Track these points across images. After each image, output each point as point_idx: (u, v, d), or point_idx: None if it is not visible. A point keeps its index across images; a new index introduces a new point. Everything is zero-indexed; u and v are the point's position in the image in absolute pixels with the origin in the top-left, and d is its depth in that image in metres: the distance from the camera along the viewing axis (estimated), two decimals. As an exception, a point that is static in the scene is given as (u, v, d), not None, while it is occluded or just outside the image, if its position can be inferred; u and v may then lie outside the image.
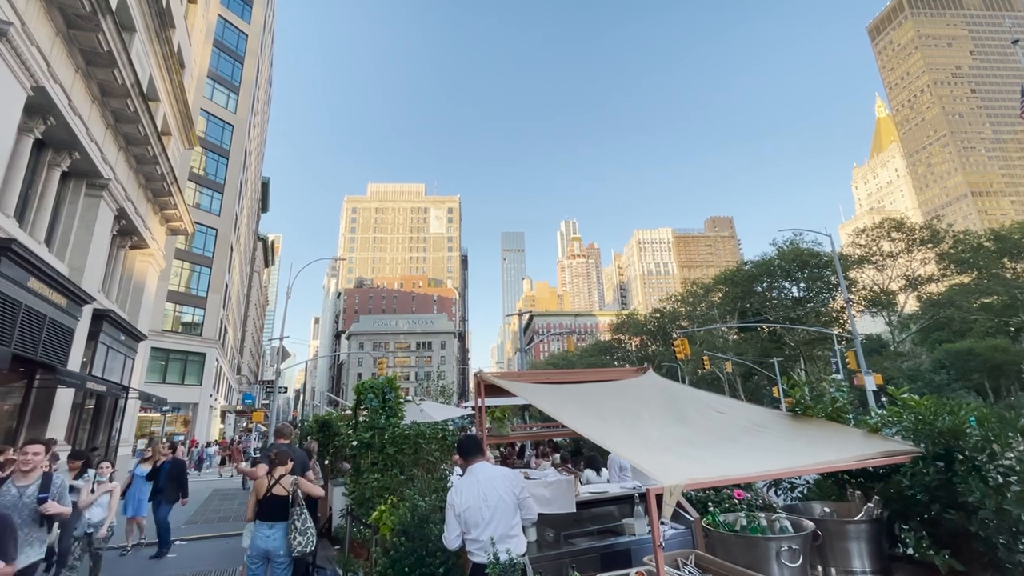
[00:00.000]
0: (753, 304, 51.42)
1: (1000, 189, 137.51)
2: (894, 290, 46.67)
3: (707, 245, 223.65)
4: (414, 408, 9.10)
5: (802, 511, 3.40)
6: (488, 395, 5.42)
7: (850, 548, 3.02)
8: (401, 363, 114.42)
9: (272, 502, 5.02)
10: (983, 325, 42.37)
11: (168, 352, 36.69)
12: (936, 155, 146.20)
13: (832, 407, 3.75)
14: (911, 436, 3.25)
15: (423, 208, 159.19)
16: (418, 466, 5.14)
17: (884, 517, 3.13)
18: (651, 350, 66.44)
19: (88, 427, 16.51)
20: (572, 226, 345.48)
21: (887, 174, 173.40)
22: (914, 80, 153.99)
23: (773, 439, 3.24)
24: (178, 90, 18.94)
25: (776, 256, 48.22)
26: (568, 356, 74.95)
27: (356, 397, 6.86)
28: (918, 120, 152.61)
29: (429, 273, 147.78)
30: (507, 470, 3.72)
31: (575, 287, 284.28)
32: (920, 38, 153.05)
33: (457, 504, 3.45)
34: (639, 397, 3.83)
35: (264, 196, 74.96)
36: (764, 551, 2.73)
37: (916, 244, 45.27)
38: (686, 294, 64.76)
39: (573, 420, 3.20)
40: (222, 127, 43.26)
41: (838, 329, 41.58)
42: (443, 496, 4.11)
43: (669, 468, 2.35)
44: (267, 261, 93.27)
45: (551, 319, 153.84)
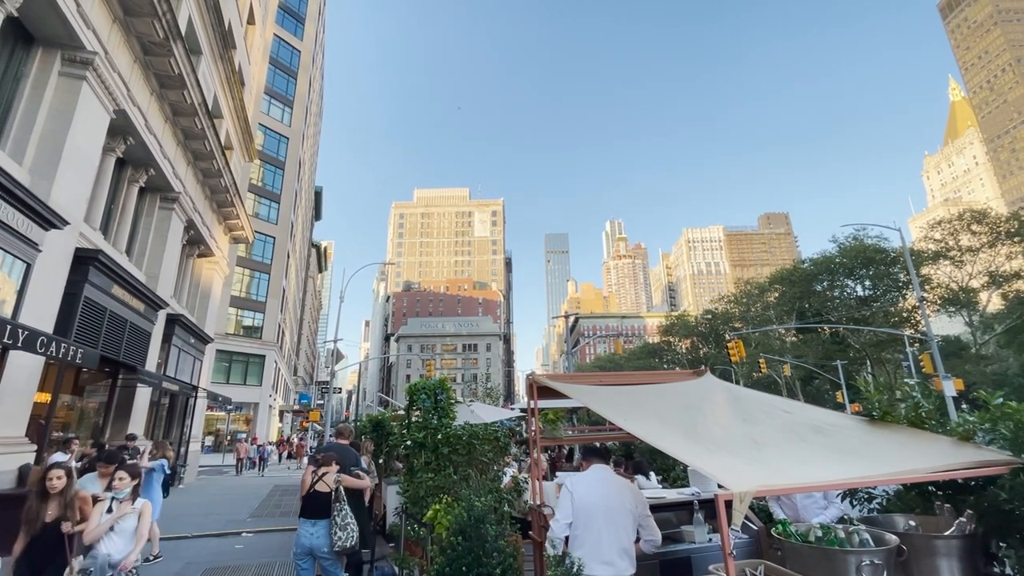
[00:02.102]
0: (812, 304, 48.68)
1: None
2: (975, 287, 42.84)
3: (761, 243, 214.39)
4: (464, 409, 9.20)
5: (882, 524, 3.16)
6: (539, 397, 5.39)
7: (940, 565, 2.78)
8: (448, 365, 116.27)
9: (315, 499, 5.16)
10: (1081, 325, 38.24)
11: (231, 354, 38.92)
12: (1021, 139, 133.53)
13: (915, 412, 3.47)
14: (1008, 445, 2.96)
15: (467, 212, 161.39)
16: (472, 466, 5.18)
17: (979, 533, 2.85)
18: (702, 353, 64.29)
19: (163, 423, 17.76)
20: (618, 226, 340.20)
21: (964, 162, 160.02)
22: (994, 59, 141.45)
23: (848, 442, 3.03)
24: (239, 107, 20.10)
25: (837, 253, 45.41)
26: (615, 359, 73.70)
27: (409, 398, 7.00)
28: (1000, 102, 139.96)
29: (474, 276, 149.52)
30: (632, 484, 3.58)
31: (621, 288, 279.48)
32: (999, 12, 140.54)
33: (576, 493, 3.29)
34: (698, 398, 3.69)
35: (317, 204, 78.32)
36: (843, 565, 2.55)
37: (1001, 237, 41.37)
38: (739, 294, 62.19)
39: (628, 422, 3.12)
40: (278, 140, 45.58)
41: (910, 330, 38.71)
42: (497, 496, 4.12)
43: (737, 473, 2.24)
44: (320, 267, 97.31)
45: (597, 321, 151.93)
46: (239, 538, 10.09)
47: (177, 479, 17.96)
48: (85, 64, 9.51)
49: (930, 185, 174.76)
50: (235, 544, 9.56)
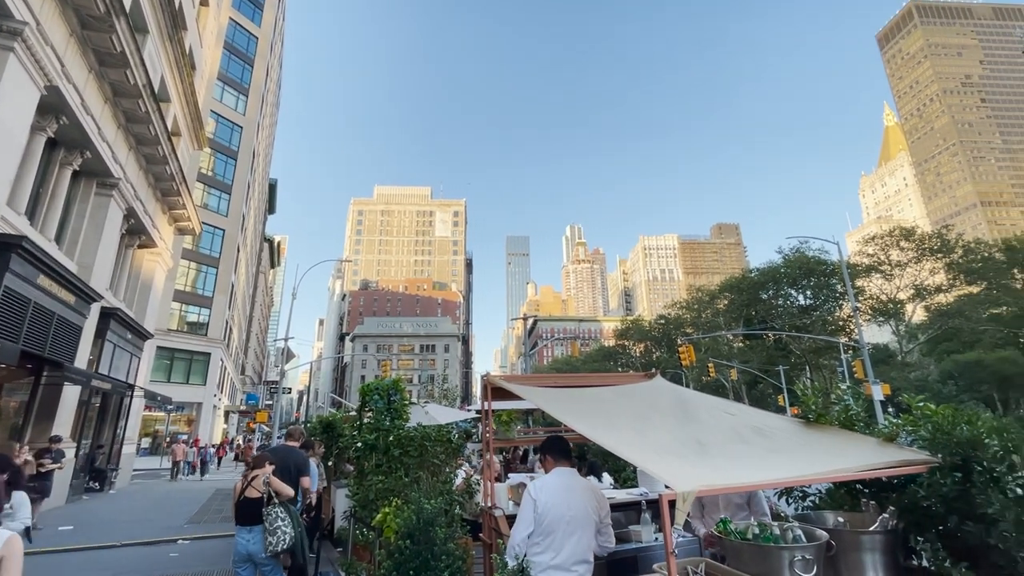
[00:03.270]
0: (759, 312, 51.13)
1: (1010, 199, 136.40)
2: (902, 299, 46.27)
3: (713, 252, 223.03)
4: (419, 410, 9.07)
5: (815, 520, 3.33)
6: (494, 398, 5.38)
7: (864, 559, 2.95)
8: (404, 366, 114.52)
9: (247, 505, 4.94)
10: (992, 336, 41.94)
11: (173, 351, 36.87)
12: (945, 164, 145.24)
13: (845, 415, 3.69)
14: (928, 446, 3.18)
15: (429, 211, 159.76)
16: (423, 469, 5.11)
17: (899, 528, 3.05)
18: (656, 356, 66.17)
19: (94, 424, 16.59)
20: (578, 231, 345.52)
21: (895, 183, 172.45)
22: (923, 89, 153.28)
23: (786, 444, 3.18)
24: (189, 91, 19.13)
25: (782, 264, 47.95)
26: (572, 361, 74.74)
27: (361, 398, 6.84)
28: (927, 129, 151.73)
29: (434, 276, 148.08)
30: (596, 487, 3.43)
31: (580, 292, 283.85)
32: (929, 47, 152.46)
33: (540, 501, 3.05)
34: (648, 400, 3.78)
35: (271, 197, 75.49)
36: (777, 561, 2.66)
37: (926, 254, 44.90)
38: (691, 301, 64.55)
39: (581, 424, 3.15)
40: (231, 128, 43.63)
41: (845, 338, 41.26)
42: (448, 499, 4.07)
43: (682, 474, 2.31)
44: (273, 262, 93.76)
45: (555, 324, 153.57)
46: (174, 546, 9.54)
47: (107, 484, 16.81)
48: (13, 34, 8.78)
49: (866, 203, 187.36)
50: (169, 552, 9.04)
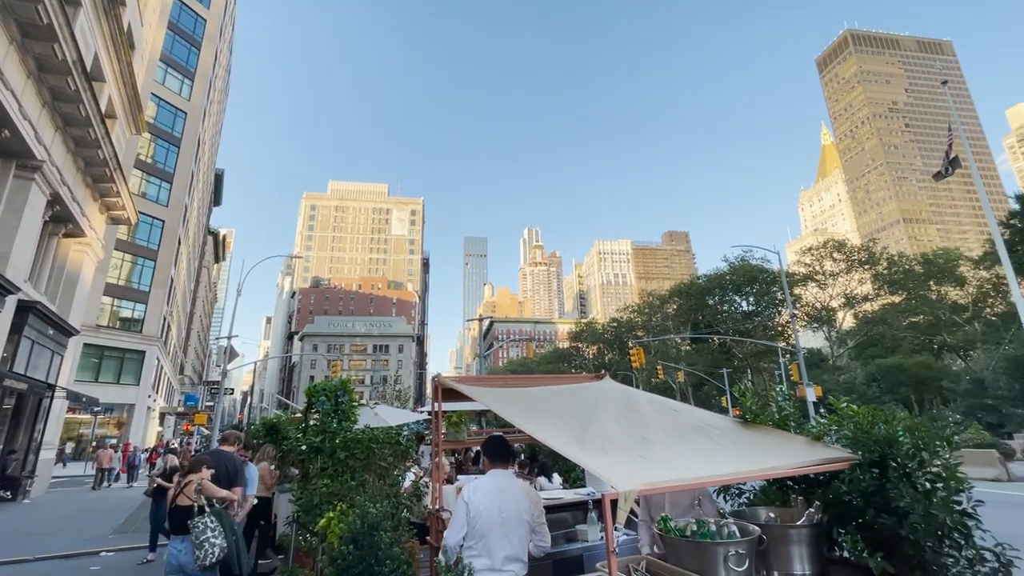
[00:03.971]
0: (705, 316, 53.34)
1: (928, 217, 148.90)
2: (834, 307, 49.56)
3: (664, 258, 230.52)
4: (368, 412, 8.85)
5: (749, 516, 3.49)
6: (445, 400, 5.33)
7: (792, 552, 3.12)
8: (356, 366, 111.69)
9: (179, 514, 4.65)
10: (910, 342, 45.58)
11: (103, 349, 34.36)
12: (873, 183, 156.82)
13: (779, 415, 3.90)
14: (850, 444, 3.40)
15: (385, 209, 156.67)
16: (370, 471, 4.98)
17: (824, 522, 3.25)
18: (608, 358, 67.65)
19: (6, 428, 15.23)
20: (535, 234, 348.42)
21: (830, 198, 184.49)
22: (856, 112, 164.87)
23: (725, 442, 3.32)
24: (127, 71, 17.93)
25: (728, 271, 50.28)
26: (527, 363, 75.28)
27: (307, 400, 6.61)
28: (859, 149, 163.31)
29: (389, 275, 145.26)
30: (531, 488, 3.42)
31: (536, 294, 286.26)
32: (862, 73, 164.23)
33: (472, 504, 3.15)
34: (596, 401, 3.85)
35: (217, 189, 71.79)
36: (713, 556, 2.78)
37: (855, 265, 48.32)
38: (643, 305, 66.51)
39: (529, 424, 3.17)
40: (174, 114, 41.18)
41: (783, 343, 43.66)
42: (395, 502, 4.00)
43: (625, 473, 2.36)
44: (218, 256, 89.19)
45: (511, 325, 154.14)
46: (96, 559, 8.88)
47: (21, 492, 15.44)
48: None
49: (804, 216, 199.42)
50: (91, 566, 8.39)
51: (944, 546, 2.97)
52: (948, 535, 2.96)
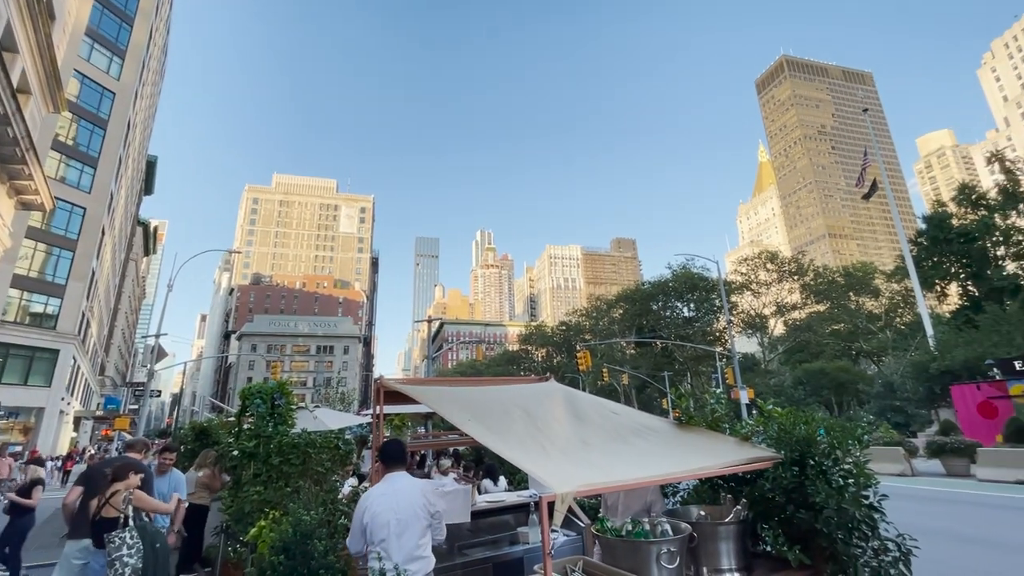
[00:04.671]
0: (649, 321, 55.26)
1: (849, 233, 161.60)
2: (766, 315, 52.74)
3: (612, 264, 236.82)
4: (307, 415, 8.51)
5: (682, 515, 3.63)
6: (389, 402, 5.21)
7: (720, 548, 3.27)
8: (299, 367, 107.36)
9: (103, 527, 4.24)
10: (832, 348, 49.12)
11: (8, 347, 31.16)
12: (803, 200, 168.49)
13: (712, 417, 4.09)
14: (774, 444, 3.61)
15: (333, 205, 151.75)
16: (306, 477, 4.77)
17: (749, 518, 3.43)
18: (556, 361, 68.64)
19: None
20: (488, 236, 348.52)
21: (766, 212, 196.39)
22: (789, 132, 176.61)
23: (660, 444, 3.45)
24: (44, 44, 16.41)
25: (671, 278, 52.40)
26: (476, 365, 75.11)
27: (241, 403, 6.27)
28: (791, 168, 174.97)
29: (336, 274, 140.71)
30: (425, 483, 3.54)
31: (487, 297, 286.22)
32: (795, 96, 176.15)
33: (368, 511, 3.21)
34: (539, 403, 3.89)
35: (149, 176, 66.99)
36: (646, 554, 2.87)
37: (786, 276, 51.67)
38: (591, 309, 68.02)
39: (472, 425, 3.17)
40: (101, 93, 38.08)
41: (720, 348, 45.91)
42: (331, 509, 3.87)
43: (563, 475, 2.40)
44: (148, 249, 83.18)
45: (461, 327, 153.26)
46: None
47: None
48: None
49: (742, 228, 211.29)
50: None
51: (853, 537, 3.21)
52: (857, 527, 3.21)
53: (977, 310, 31.72)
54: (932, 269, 36.02)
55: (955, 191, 37.87)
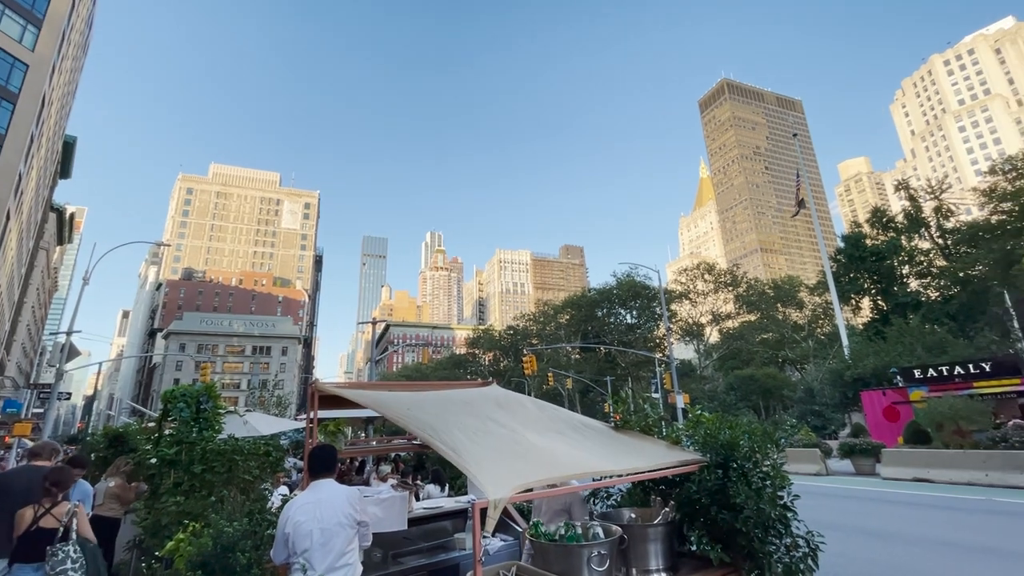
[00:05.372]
0: (594, 327, 56.69)
1: (779, 248, 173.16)
2: (703, 323, 55.45)
3: (560, 270, 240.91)
4: (237, 420, 8.07)
5: (614, 518, 3.75)
6: (326, 407, 5.03)
7: (648, 549, 3.40)
8: (232, 369, 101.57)
9: (39, 537, 3.83)
10: (761, 356, 52.34)
11: None
12: (739, 215, 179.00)
13: (645, 421, 4.25)
14: (701, 448, 3.80)
15: (275, 200, 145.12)
16: (231, 486, 4.51)
17: (676, 520, 3.59)
18: (503, 365, 68.82)
19: None
20: (438, 238, 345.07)
21: (705, 225, 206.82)
22: (728, 152, 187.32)
23: (597, 444, 3.54)
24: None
25: (615, 286, 54.07)
26: (422, 368, 73.90)
27: (163, 406, 5.86)
28: (728, 185, 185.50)
29: (276, 271, 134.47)
30: (352, 491, 3.44)
31: (436, 299, 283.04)
32: (734, 118, 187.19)
33: (290, 521, 3.12)
34: (481, 404, 3.89)
35: (66, 159, 61.32)
36: (577, 558, 2.93)
37: (721, 286, 54.60)
38: (538, 314, 68.82)
39: (412, 422, 3.14)
40: (11, 64, 34.54)
41: (660, 354, 47.76)
42: (258, 519, 3.68)
43: (498, 480, 2.41)
44: (62, 238, 75.98)
45: (408, 330, 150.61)
46: None
47: None
48: None
49: (683, 239, 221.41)
50: None
51: (769, 536, 3.43)
52: (772, 526, 3.44)
53: (885, 323, 34.82)
54: (849, 284, 39.22)
55: (869, 214, 41.55)
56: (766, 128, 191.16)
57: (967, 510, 10.42)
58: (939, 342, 28.06)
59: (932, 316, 33.47)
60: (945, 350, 27.04)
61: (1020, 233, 31.29)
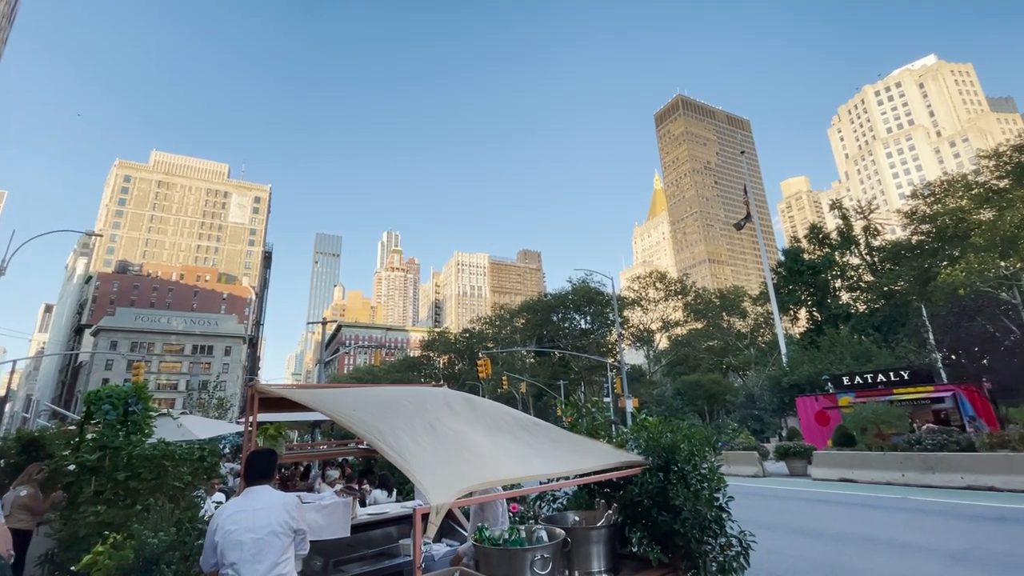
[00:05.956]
0: (549, 332, 57.35)
1: (726, 260, 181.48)
2: (653, 329, 57.21)
3: (518, 275, 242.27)
4: (170, 423, 7.62)
5: (559, 521, 3.79)
6: (269, 409, 4.83)
7: (591, 551, 3.46)
8: (169, 369, 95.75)
9: None
10: (707, 362, 54.55)
11: None
12: (689, 227, 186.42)
13: (591, 425, 4.33)
14: (645, 451, 3.92)
15: (223, 192, 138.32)
16: (159, 494, 4.22)
17: (619, 522, 3.68)
18: (458, 368, 68.36)
19: None
20: (395, 238, 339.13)
21: (657, 235, 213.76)
22: (681, 165, 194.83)
23: (542, 447, 3.58)
24: None
25: (571, 292, 54.97)
26: (374, 370, 72.25)
27: (86, 408, 5.45)
28: (680, 197, 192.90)
29: (222, 267, 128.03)
30: (289, 498, 3.29)
31: (391, 300, 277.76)
32: (687, 133, 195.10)
33: (219, 528, 2.95)
34: (432, 406, 3.83)
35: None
36: (521, 561, 2.95)
37: (671, 295, 56.56)
38: (494, 317, 68.89)
39: (357, 421, 3.06)
40: (-82, 29, 31.30)
41: (612, 359, 48.86)
42: (187, 528, 3.49)
43: (442, 485, 2.39)
44: (-28, 222, 69.35)
45: (361, 331, 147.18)
46: None
47: None
48: None
49: (636, 248, 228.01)
50: None
51: (705, 536, 3.57)
52: (709, 527, 3.58)
53: (819, 333, 37.13)
54: (788, 296, 41.59)
55: (807, 230, 44.25)
56: (716, 144, 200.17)
57: (885, 508, 11.24)
58: (865, 352, 30.17)
59: (860, 327, 35.98)
60: (870, 359, 29.09)
61: (936, 253, 34.17)
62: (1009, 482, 12.42)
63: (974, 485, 12.97)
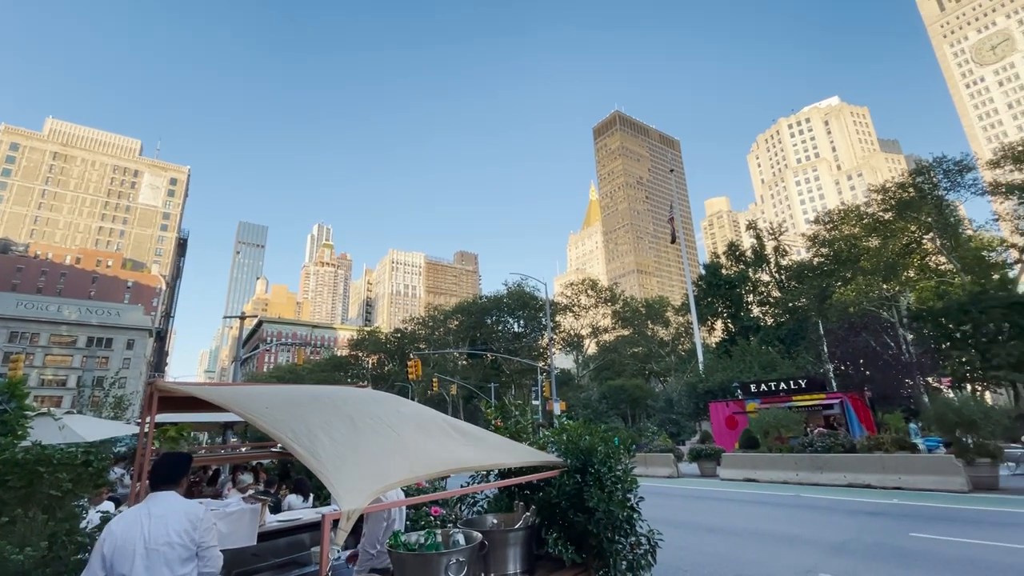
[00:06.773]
0: (483, 334, 57.41)
1: (653, 271, 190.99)
2: (583, 335, 58.96)
3: (453, 276, 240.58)
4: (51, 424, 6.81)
5: (477, 524, 3.80)
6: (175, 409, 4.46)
7: (508, 554, 3.49)
8: (58, 363, 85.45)
9: None
10: (632, 368, 57.00)
11: None
12: (621, 238, 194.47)
13: (515, 428, 4.39)
14: (564, 453, 4.03)
15: (134, 171, 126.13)
16: (31, 503, 3.73)
17: (536, 523, 3.75)
18: (387, 369, 66.63)
19: None
20: (326, 232, 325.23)
21: (591, 244, 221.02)
22: (615, 179, 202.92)
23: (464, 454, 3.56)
24: None
25: (505, 295, 55.42)
26: (297, 370, 68.63)
27: (-56, 408, 4.74)
28: (614, 209, 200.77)
29: (128, 252, 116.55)
30: (193, 506, 2.99)
31: (319, 296, 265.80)
32: (622, 148, 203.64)
33: (108, 538, 2.64)
34: (354, 405, 3.71)
35: None
36: (436, 566, 2.92)
37: (601, 302, 58.57)
38: (428, 318, 67.88)
39: (273, 429, 2.89)
40: None
41: (542, 363, 49.75)
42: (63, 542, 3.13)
43: (355, 489, 2.33)
44: None
45: (284, 327, 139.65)
46: None
47: None
48: None
49: (571, 255, 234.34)
50: None
51: (617, 535, 3.73)
52: (620, 526, 3.74)
53: (733, 343, 39.97)
54: (707, 307, 44.45)
55: (726, 248, 47.58)
56: (649, 161, 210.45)
57: (781, 505, 12.28)
58: (771, 361, 32.87)
59: (768, 339, 39.16)
60: (775, 368, 31.73)
61: (832, 274, 37.96)
62: (882, 480, 14.02)
63: (854, 483, 14.51)
